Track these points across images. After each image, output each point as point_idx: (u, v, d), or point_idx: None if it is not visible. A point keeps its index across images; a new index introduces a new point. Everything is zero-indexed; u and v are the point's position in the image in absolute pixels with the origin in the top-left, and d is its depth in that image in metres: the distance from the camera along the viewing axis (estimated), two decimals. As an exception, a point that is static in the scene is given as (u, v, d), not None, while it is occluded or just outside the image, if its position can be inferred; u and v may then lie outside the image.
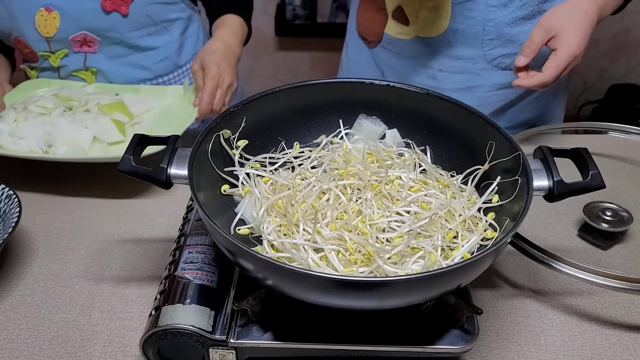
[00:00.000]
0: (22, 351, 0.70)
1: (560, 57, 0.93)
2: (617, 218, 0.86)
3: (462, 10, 1.06)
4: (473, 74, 1.12)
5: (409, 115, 0.76)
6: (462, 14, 1.07)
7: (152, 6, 1.16)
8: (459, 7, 1.06)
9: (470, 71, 1.12)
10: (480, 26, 1.07)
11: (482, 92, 1.14)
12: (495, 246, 0.55)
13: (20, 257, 0.83)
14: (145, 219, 0.91)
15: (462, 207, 0.67)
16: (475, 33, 1.07)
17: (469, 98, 1.14)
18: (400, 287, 0.53)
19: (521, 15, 1.06)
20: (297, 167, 0.74)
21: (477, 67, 1.11)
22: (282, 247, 0.63)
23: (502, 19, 1.06)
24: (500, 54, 1.09)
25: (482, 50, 1.09)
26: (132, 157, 0.64)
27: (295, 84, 0.74)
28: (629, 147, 1.04)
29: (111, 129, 0.98)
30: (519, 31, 1.07)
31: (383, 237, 0.63)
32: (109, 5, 1.10)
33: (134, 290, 0.78)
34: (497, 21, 1.06)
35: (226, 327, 0.63)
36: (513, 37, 1.07)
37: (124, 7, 1.12)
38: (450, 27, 1.08)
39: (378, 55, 1.21)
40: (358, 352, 0.63)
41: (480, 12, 1.05)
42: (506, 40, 1.08)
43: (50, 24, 1.11)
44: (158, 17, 1.18)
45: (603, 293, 0.77)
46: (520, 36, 1.07)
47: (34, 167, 1.01)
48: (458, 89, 1.14)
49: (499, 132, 0.68)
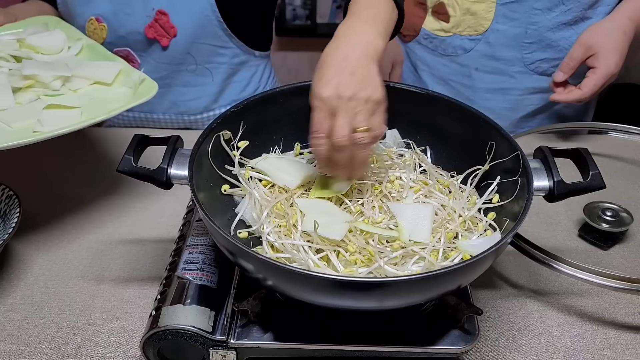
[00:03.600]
0: (22, 351, 0.70)
1: (598, 76, 0.97)
2: (617, 218, 0.86)
3: (505, 11, 1.05)
4: (508, 76, 1.11)
5: (409, 115, 0.76)
6: (505, 14, 1.05)
7: (197, 45, 1.10)
8: (503, 7, 1.05)
9: (506, 73, 1.11)
10: (523, 28, 1.05)
11: (515, 95, 1.13)
12: (496, 246, 0.55)
13: (20, 257, 0.83)
14: (145, 219, 0.91)
15: (462, 207, 0.67)
16: (517, 35, 1.06)
17: (501, 100, 1.14)
18: (400, 287, 0.53)
19: (564, 21, 1.05)
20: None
21: (514, 70, 1.10)
22: (283, 247, 0.63)
23: (545, 23, 1.05)
24: (538, 58, 1.08)
25: (521, 53, 1.08)
26: (132, 158, 0.64)
27: (295, 84, 0.74)
28: (629, 147, 1.04)
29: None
30: (560, 36, 1.06)
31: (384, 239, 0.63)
32: (151, 32, 1.08)
33: (134, 290, 0.78)
34: (539, 25, 1.05)
35: (226, 327, 0.63)
36: (553, 42, 1.06)
37: (165, 39, 1.08)
38: (492, 28, 1.07)
39: (412, 50, 1.19)
40: (358, 353, 0.63)
41: (524, 14, 1.04)
42: (546, 45, 1.07)
43: (98, 34, 1.10)
44: (202, 57, 1.12)
45: (603, 293, 0.77)
46: (561, 42, 1.06)
47: (34, 167, 1.01)
48: (491, 89, 1.13)
49: (499, 132, 0.68)
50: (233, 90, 1.20)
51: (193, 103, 1.19)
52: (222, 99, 1.20)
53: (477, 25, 1.08)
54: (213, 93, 1.18)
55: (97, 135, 1.16)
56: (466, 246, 0.62)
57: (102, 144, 1.08)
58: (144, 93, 0.83)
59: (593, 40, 1.00)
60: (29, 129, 0.79)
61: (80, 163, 1.03)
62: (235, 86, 1.20)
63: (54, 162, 1.03)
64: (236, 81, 1.20)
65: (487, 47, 1.09)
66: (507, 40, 1.07)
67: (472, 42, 1.10)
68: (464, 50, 1.11)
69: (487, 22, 1.06)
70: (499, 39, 1.07)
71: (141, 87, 0.85)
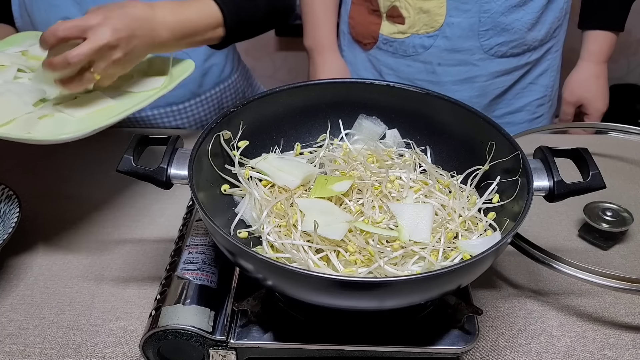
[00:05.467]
0: (22, 351, 0.70)
1: (593, 119, 1.21)
2: (617, 218, 0.86)
3: (456, 4, 1.09)
4: (471, 65, 1.15)
5: (409, 115, 0.76)
6: (457, 7, 1.09)
7: None
8: (454, 1, 1.09)
9: (469, 62, 1.15)
10: (476, 18, 1.09)
11: (481, 82, 1.17)
12: (496, 246, 0.55)
13: (20, 257, 0.83)
14: (145, 219, 0.91)
15: (462, 207, 0.67)
16: (471, 25, 1.10)
17: (469, 89, 1.18)
18: (400, 287, 0.53)
19: (513, 4, 1.09)
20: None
21: (475, 58, 1.14)
22: (282, 247, 0.63)
23: (497, 9, 1.09)
24: (496, 42, 1.13)
25: (478, 41, 1.12)
26: (132, 157, 0.64)
27: (295, 84, 0.74)
28: (629, 147, 1.04)
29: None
30: (513, 19, 1.10)
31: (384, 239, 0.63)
32: None
33: (134, 290, 0.78)
34: (491, 12, 1.09)
35: (226, 327, 0.63)
36: (508, 25, 1.11)
37: None
38: (447, 22, 1.10)
39: (374, 57, 1.22)
40: (358, 353, 0.63)
41: (475, 4, 1.08)
42: (501, 29, 1.11)
43: None
44: None
45: (603, 293, 0.77)
46: (514, 24, 1.11)
47: (34, 167, 1.01)
48: (457, 80, 1.17)
49: (499, 132, 0.68)
50: (214, 73, 1.20)
51: (178, 92, 1.17)
52: (205, 84, 1.20)
53: (432, 22, 1.11)
54: (196, 77, 1.17)
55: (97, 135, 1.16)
56: (466, 246, 0.62)
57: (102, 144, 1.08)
58: (181, 72, 0.86)
59: (576, 95, 1.21)
60: (92, 119, 0.80)
61: (80, 163, 1.03)
62: (215, 69, 1.21)
63: (54, 162, 1.03)
64: (215, 64, 1.20)
65: (445, 42, 1.13)
66: (463, 32, 1.11)
67: (430, 39, 1.13)
68: (424, 48, 1.14)
69: (441, 17, 1.10)
70: (456, 32, 1.11)
71: (176, 68, 0.87)
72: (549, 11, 1.14)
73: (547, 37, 1.17)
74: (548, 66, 1.21)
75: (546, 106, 1.26)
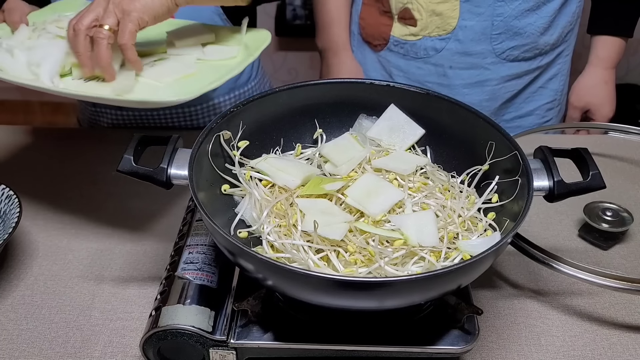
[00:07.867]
0: (22, 351, 0.70)
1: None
2: (617, 218, 0.86)
3: (470, 7, 1.08)
4: (483, 69, 1.14)
5: (409, 116, 0.76)
6: (470, 10, 1.08)
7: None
8: (467, 4, 1.08)
9: (480, 66, 1.14)
10: (489, 21, 1.09)
11: (492, 86, 1.16)
12: (496, 246, 0.55)
13: (20, 258, 0.83)
14: (145, 219, 0.91)
15: (462, 207, 0.67)
16: (484, 29, 1.09)
17: (479, 92, 1.17)
18: (400, 287, 0.53)
19: (527, 8, 1.08)
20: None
21: (487, 62, 1.14)
22: (283, 247, 0.63)
23: (510, 12, 1.08)
24: (508, 46, 1.12)
25: (491, 45, 1.11)
26: (132, 157, 0.64)
27: (295, 84, 0.74)
28: (629, 147, 1.04)
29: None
30: (526, 23, 1.10)
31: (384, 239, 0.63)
32: None
33: (134, 290, 0.78)
34: (504, 15, 1.08)
35: (226, 327, 0.63)
36: (520, 29, 1.10)
37: None
38: (459, 25, 1.10)
39: (385, 58, 1.21)
40: (358, 353, 0.63)
41: (488, 7, 1.08)
42: (514, 33, 1.10)
43: None
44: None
45: (603, 293, 0.77)
46: (527, 28, 1.10)
47: (34, 167, 1.01)
48: (468, 84, 1.16)
49: (499, 132, 0.68)
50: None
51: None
52: (219, 88, 1.15)
53: (445, 25, 1.10)
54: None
55: (97, 135, 1.16)
56: (466, 246, 0.62)
57: (102, 144, 1.08)
58: (257, 44, 0.84)
59: (584, 101, 1.20)
60: (185, 84, 0.79)
61: (80, 163, 1.02)
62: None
63: (54, 162, 1.03)
64: None
65: (457, 45, 1.12)
66: (475, 35, 1.10)
67: (442, 41, 1.12)
68: (436, 51, 1.14)
69: (454, 20, 1.09)
70: (468, 35, 1.10)
71: (251, 40, 0.86)
72: (562, 15, 1.13)
73: (558, 42, 1.16)
74: (558, 70, 1.20)
75: (555, 110, 1.25)
